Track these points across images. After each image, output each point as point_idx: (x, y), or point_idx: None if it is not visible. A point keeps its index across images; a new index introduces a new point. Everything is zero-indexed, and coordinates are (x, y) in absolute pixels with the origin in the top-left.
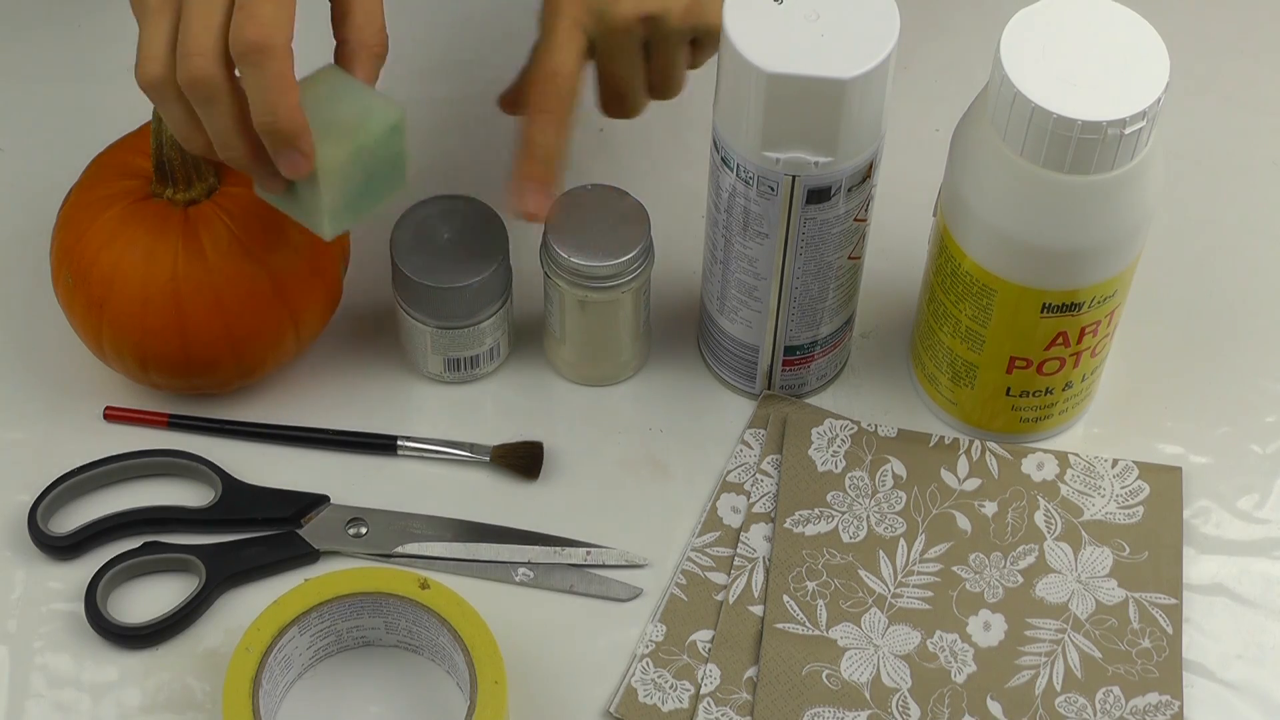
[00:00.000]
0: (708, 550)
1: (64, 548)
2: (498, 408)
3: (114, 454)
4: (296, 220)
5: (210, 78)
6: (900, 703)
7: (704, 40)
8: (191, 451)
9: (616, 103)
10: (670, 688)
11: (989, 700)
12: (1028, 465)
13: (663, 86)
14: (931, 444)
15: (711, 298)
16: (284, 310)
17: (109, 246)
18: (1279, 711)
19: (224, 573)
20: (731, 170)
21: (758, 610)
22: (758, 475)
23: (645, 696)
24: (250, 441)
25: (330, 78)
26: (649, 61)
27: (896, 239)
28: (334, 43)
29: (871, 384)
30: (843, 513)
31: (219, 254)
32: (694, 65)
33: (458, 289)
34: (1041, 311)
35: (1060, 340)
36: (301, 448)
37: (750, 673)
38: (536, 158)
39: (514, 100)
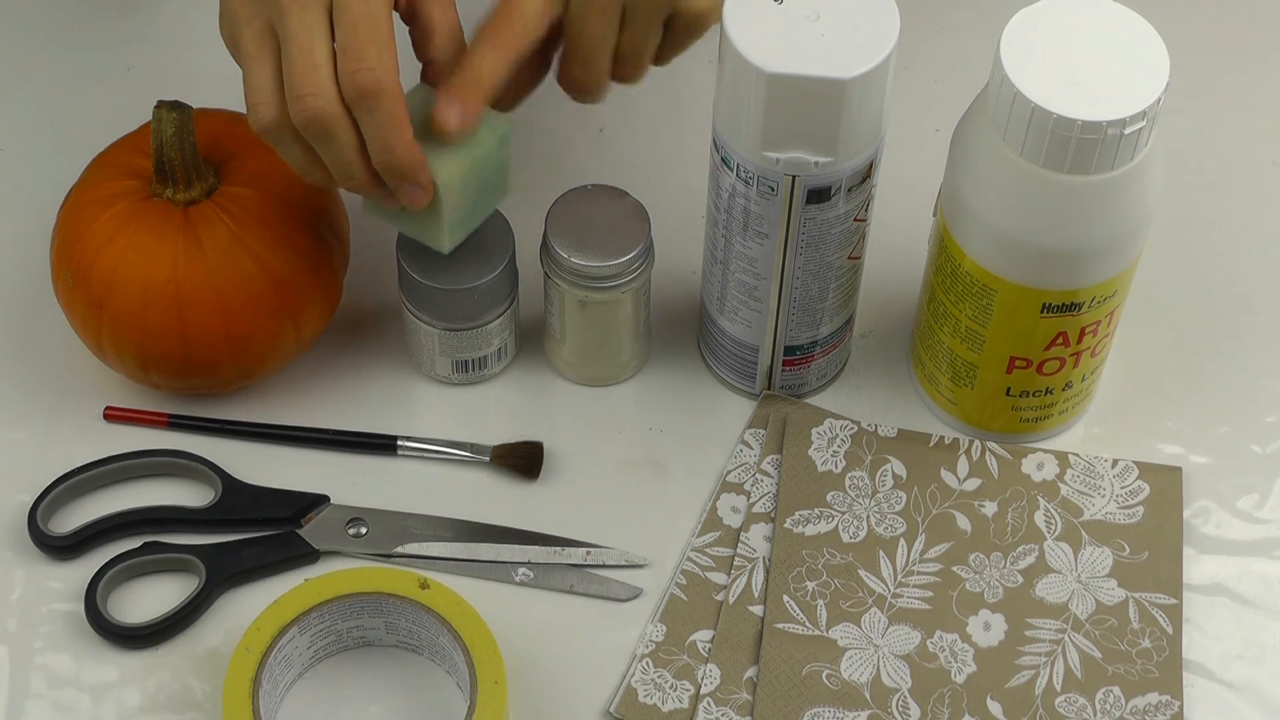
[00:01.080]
0: (708, 550)
1: (64, 548)
2: (498, 408)
3: (114, 454)
4: (413, 237)
5: (326, 115)
6: (900, 703)
7: (678, 25)
8: (191, 451)
9: (580, 69)
10: (670, 688)
11: (989, 700)
12: (1028, 465)
13: (628, 63)
14: (931, 444)
15: (711, 298)
16: (284, 310)
17: (109, 246)
18: (1279, 711)
19: (224, 573)
20: (731, 170)
21: (758, 610)
22: (758, 475)
23: (645, 696)
24: (250, 441)
25: (428, 96)
26: (620, 33)
27: (896, 239)
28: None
29: (871, 384)
30: (843, 513)
31: (219, 254)
32: (661, 58)
33: (465, 290)
34: (1041, 311)
35: (1060, 340)
36: (301, 448)
37: (750, 673)
38: (468, 74)
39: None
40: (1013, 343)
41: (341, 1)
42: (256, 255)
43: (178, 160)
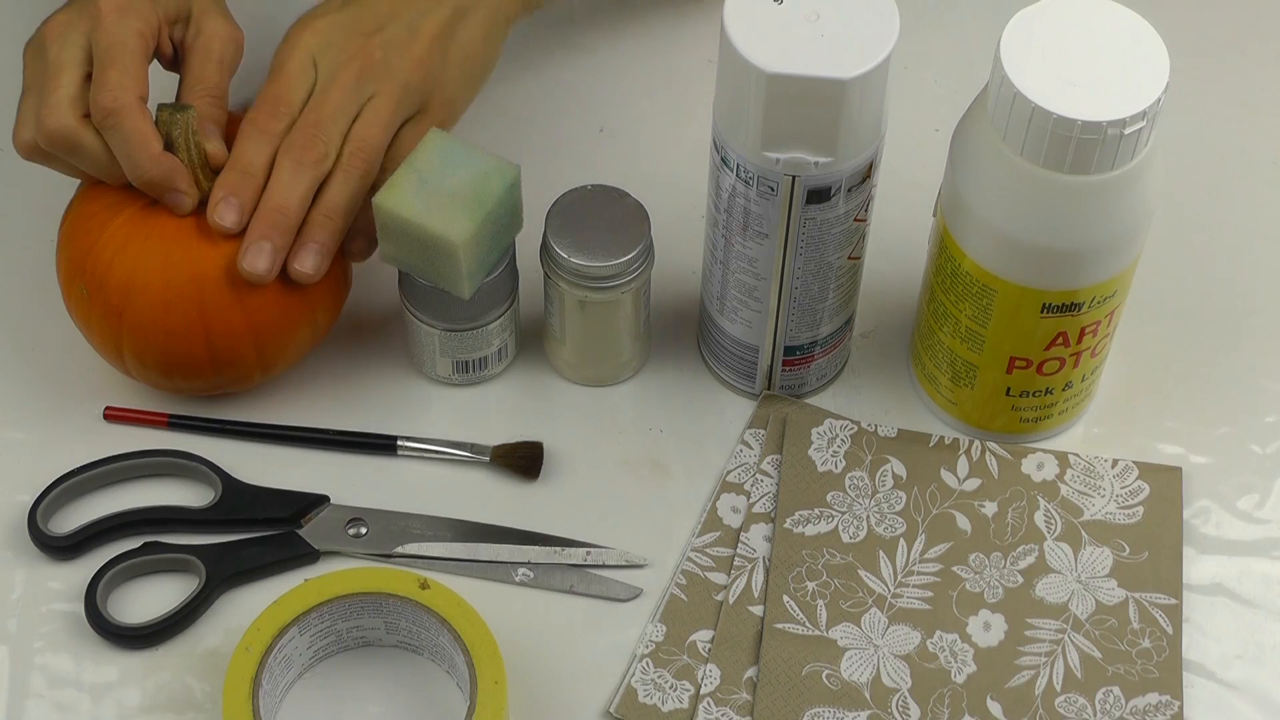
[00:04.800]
0: (708, 550)
1: (64, 548)
2: (498, 408)
3: (114, 454)
4: (434, 285)
5: (63, 130)
6: (900, 703)
7: (426, 114)
8: (191, 451)
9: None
10: (670, 688)
11: (989, 700)
12: (1028, 465)
13: (351, 145)
14: (931, 444)
15: (711, 298)
16: (301, 300)
17: (123, 254)
18: (1279, 711)
19: (224, 573)
20: (731, 170)
21: (758, 610)
22: (758, 475)
23: (645, 696)
24: (250, 441)
25: (437, 144)
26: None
27: (896, 239)
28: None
29: (871, 384)
30: (843, 513)
31: (236, 251)
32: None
33: None
34: (1041, 311)
35: (1060, 340)
36: (301, 448)
37: (750, 673)
38: (236, 169)
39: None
40: (1013, 343)
41: (94, 36)
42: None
43: (186, 162)
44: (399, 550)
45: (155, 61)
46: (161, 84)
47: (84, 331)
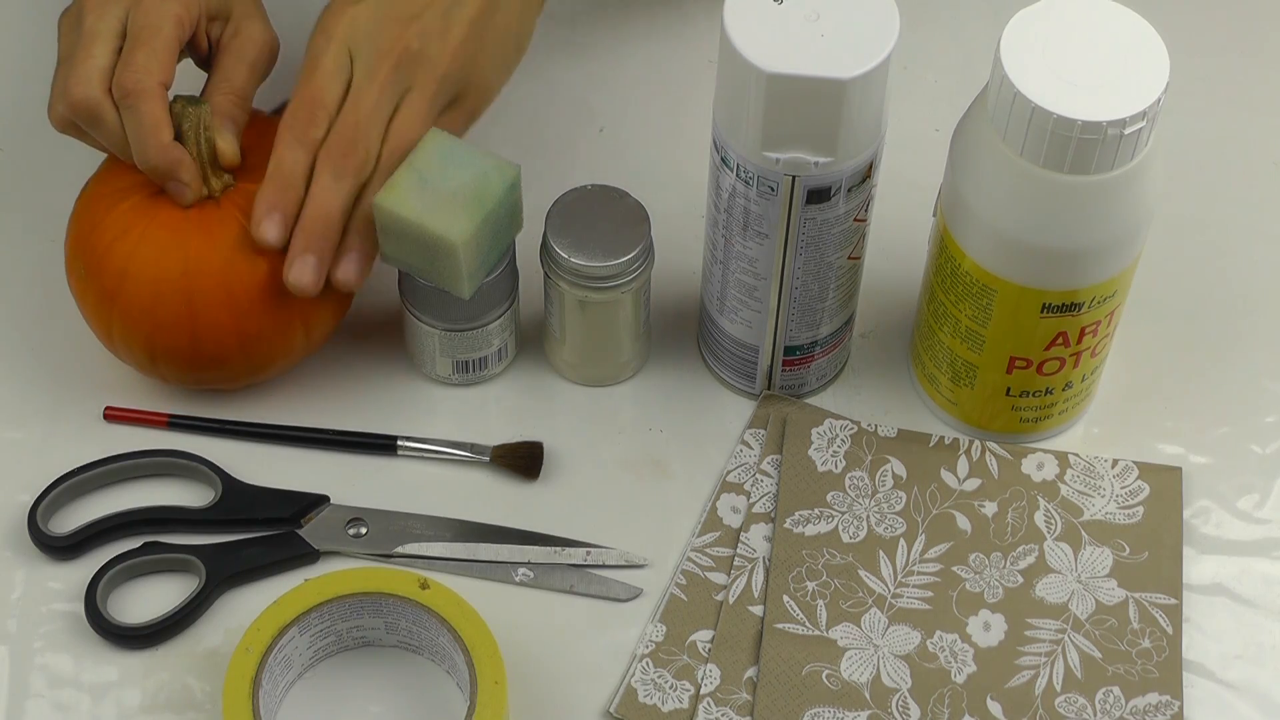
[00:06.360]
0: (708, 550)
1: (64, 548)
2: (498, 408)
3: (114, 454)
4: (434, 285)
5: (88, 101)
6: (900, 703)
7: (461, 101)
8: (191, 451)
9: (344, 149)
10: (670, 688)
11: (989, 700)
12: (1028, 465)
13: (390, 147)
14: (931, 444)
15: (711, 298)
16: (294, 309)
17: (122, 240)
18: (1279, 711)
19: (224, 573)
20: (731, 170)
21: (758, 610)
22: (758, 475)
23: (645, 696)
24: (250, 441)
25: (437, 144)
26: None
27: (896, 239)
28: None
29: (871, 384)
30: (843, 513)
31: (232, 250)
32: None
33: None
34: (1041, 311)
35: (1060, 340)
36: (301, 448)
37: (750, 673)
38: (276, 180)
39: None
40: (1013, 343)
41: (133, 13)
42: (269, 253)
43: (194, 156)
44: (399, 550)
45: (188, 58)
46: (191, 75)
47: (80, 309)
